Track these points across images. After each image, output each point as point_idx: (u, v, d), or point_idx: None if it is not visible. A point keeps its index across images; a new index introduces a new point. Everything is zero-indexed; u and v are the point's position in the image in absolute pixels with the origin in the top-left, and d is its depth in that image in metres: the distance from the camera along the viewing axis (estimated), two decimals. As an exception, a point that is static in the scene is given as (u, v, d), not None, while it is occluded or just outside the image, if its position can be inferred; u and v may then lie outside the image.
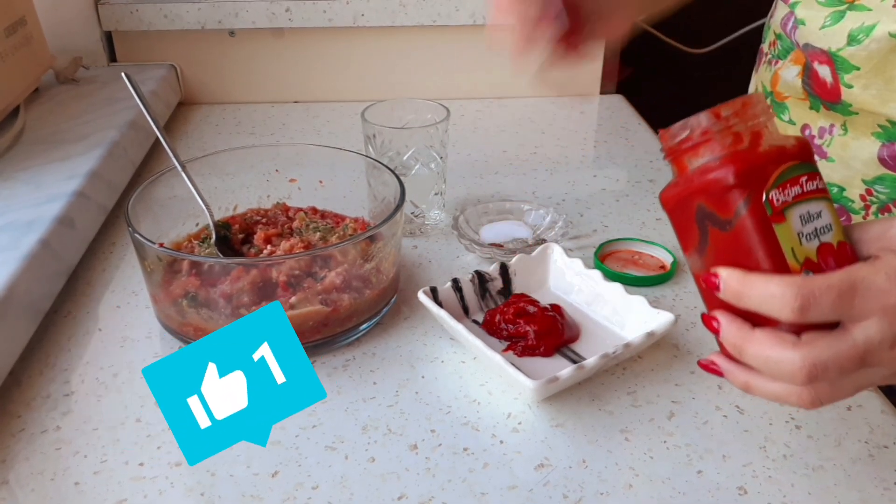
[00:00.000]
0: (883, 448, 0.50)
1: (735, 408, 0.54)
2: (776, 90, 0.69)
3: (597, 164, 0.93)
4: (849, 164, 0.62)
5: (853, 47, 0.58)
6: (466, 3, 1.03)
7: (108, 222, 0.76)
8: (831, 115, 0.63)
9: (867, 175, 0.61)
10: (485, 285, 0.64)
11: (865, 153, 0.60)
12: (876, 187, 0.61)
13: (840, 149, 0.62)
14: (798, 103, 0.66)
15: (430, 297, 0.61)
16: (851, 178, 0.62)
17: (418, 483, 0.48)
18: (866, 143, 0.60)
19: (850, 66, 0.59)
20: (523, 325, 0.59)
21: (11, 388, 0.55)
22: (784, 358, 0.38)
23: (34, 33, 0.87)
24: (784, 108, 0.68)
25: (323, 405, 0.54)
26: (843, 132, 0.62)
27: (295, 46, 1.07)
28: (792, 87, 0.66)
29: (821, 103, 0.63)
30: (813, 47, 0.62)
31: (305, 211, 0.70)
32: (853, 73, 0.59)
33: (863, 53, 0.58)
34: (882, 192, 0.60)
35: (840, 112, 0.61)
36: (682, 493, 0.47)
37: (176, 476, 0.48)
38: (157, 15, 1.02)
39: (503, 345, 0.59)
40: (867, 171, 0.61)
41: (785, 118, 0.68)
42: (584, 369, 0.53)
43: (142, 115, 0.64)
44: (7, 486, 0.48)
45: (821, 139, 0.64)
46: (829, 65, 0.61)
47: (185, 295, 0.57)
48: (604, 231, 0.76)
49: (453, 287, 0.62)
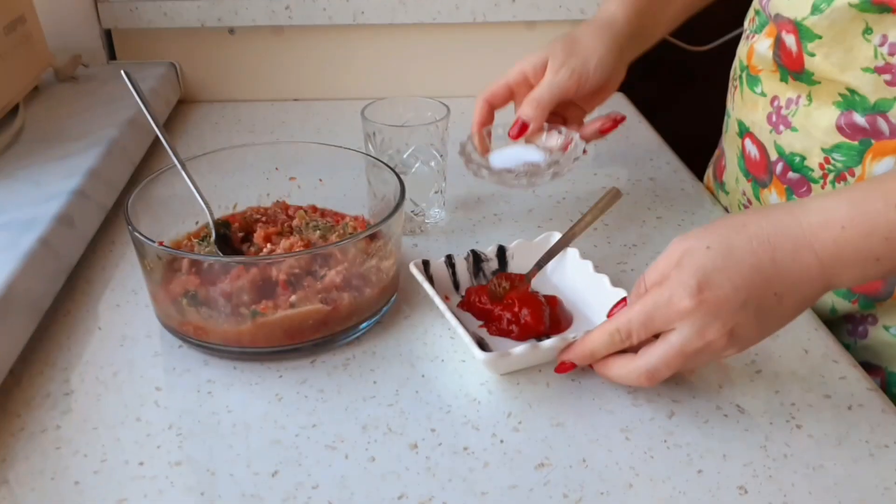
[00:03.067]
0: (884, 447, 0.50)
1: (735, 407, 0.54)
2: (751, 63, 0.70)
3: (597, 163, 0.93)
4: (810, 133, 0.63)
5: (816, 16, 0.60)
6: (467, 0, 1.03)
7: (108, 221, 0.75)
8: (797, 86, 0.64)
9: (826, 143, 0.62)
10: (479, 264, 0.65)
11: (825, 122, 0.62)
12: (833, 155, 0.62)
13: (803, 118, 0.64)
14: (769, 76, 0.68)
15: (421, 269, 0.63)
16: (812, 147, 0.63)
17: (418, 482, 0.48)
18: (827, 112, 0.62)
19: (812, 34, 0.61)
20: (499, 309, 0.60)
21: (11, 387, 0.55)
22: (630, 372, 0.52)
23: (33, 31, 0.87)
24: (757, 81, 0.69)
25: (323, 404, 0.54)
26: (808, 102, 0.63)
27: (295, 44, 1.07)
28: (764, 59, 0.68)
29: (788, 74, 0.65)
30: (781, 17, 0.64)
31: (305, 209, 0.70)
32: (815, 41, 0.61)
33: (824, 22, 0.59)
34: (839, 160, 0.62)
35: (804, 82, 0.63)
36: (683, 493, 0.47)
37: (176, 475, 0.48)
38: (157, 13, 1.02)
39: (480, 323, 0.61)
40: (826, 140, 0.62)
41: (757, 90, 0.69)
42: (538, 349, 0.54)
43: (141, 113, 0.64)
44: (7, 485, 0.48)
45: (787, 109, 0.65)
46: (794, 34, 0.63)
47: (184, 293, 0.57)
48: (604, 229, 0.75)
49: (446, 263, 0.64)
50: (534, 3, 1.03)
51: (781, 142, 0.66)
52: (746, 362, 0.58)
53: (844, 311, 0.65)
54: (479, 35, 1.07)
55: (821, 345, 0.60)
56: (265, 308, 0.55)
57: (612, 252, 0.72)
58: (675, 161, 0.92)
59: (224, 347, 0.57)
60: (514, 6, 1.03)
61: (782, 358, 0.58)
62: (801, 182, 0.65)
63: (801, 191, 0.65)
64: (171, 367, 0.58)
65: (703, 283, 0.48)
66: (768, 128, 0.67)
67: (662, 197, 0.83)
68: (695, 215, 0.79)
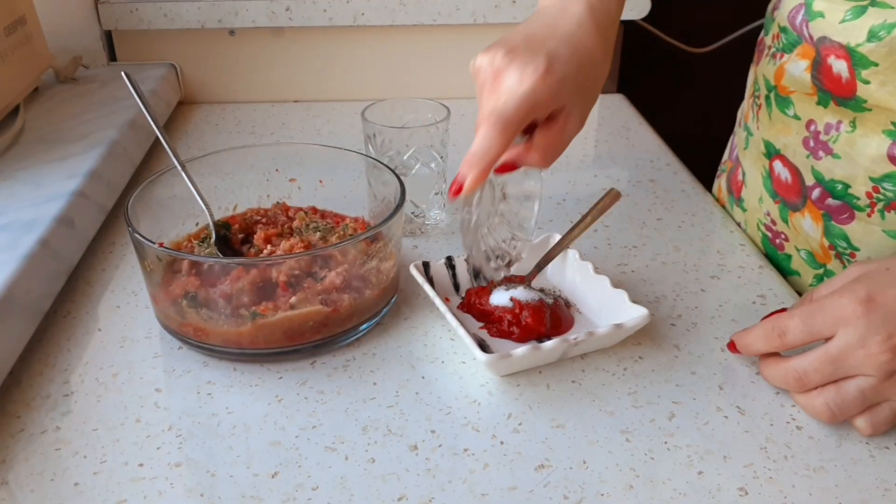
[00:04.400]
0: (884, 449, 0.50)
1: (736, 408, 0.54)
2: (780, 84, 0.68)
3: (597, 164, 0.93)
4: (855, 160, 0.62)
5: (873, 43, 0.58)
6: (467, 2, 1.03)
7: (108, 222, 0.75)
8: (840, 111, 0.62)
9: (874, 172, 0.61)
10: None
11: (873, 150, 0.60)
12: (884, 185, 0.60)
13: (846, 145, 0.62)
14: (804, 98, 0.66)
15: (422, 271, 0.63)
16: (857, 175, 0.62)
17: (418, 484, 0.48)
18: (875, 140, 0.60)
19: (868, 61, 0.59)
20: (499, 310, 0.60)
21: (11, 388, 0.55)
22: (779, 370, 0.52)
23: (34, 32, 0.87)
24: (789, 103, 0.67)
25: (323, 406, 0.54)
26: (852, 129, 0.62)
27: (295, 46, 1.07)
28: (799, 82, 0.66)
29: (831, 98, 0.63)
30: (830, 41, 0.62)
31: (305, 211, 0.70)
32: (871, 68, 0.59)
33: (883, 50, 0.58)
34: (890, 189, 0.60)
35: (851, 108, 0.61)
36: (683, 494, 0.47)
37: (176, 476, 0.48)
38: (157, 14, 1.02)
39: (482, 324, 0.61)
40: (874, 169, 0.61)
41: (790, 113, 0.67)
42: (539, 350, 0.54)
43: (141, 114, 0.64)
44: (6, 486, 0.47)
45: (826, 135, 0.64)
46: (845, 59, 0.60)
47: (184, 295, 0.57)
48: (604, 231, 0.75)
49: (447, 264, 0.64)
50: (534, 5, 1.02)
51: (820, 168, 0.64)
52: (747, 363, 0.58)
53: None
54: (480, 36, 1.07)
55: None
56: (265, 309, 0.55)
57: (613, 253, 0.72)
58: (675, 163, 0.92)
59: (224, 349, 0.57)
60: (514, 7, 1.03)
61: (783, 359, 0.58)
62: (843, 209, 0.64)
63: (842, 217, 0.64)
64: (171, 369, 0.58)
65: (875, 294, 0.47)
66: (804, 152, 0.66)
67: (663, 199, 0.83)
68: (695, 217, 0.79)
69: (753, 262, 0.71)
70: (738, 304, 0.65)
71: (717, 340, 0.60)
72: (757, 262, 0.71)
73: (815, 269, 0.68)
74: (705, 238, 0.76)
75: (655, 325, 0.62)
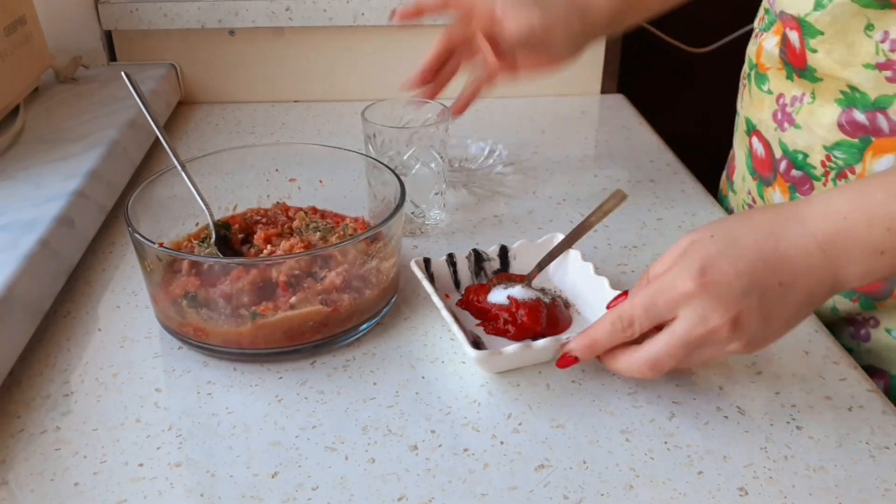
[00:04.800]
0: (884, 449, 0.50)
1: (736, 409, 0.54)
2: (759, 62, 0.70)
3: (597, 164, 0.93)
4: (813, 130, 0.63)
5: (818, 12, 0.60)
6: (467, 2, 1.03)
7: (108, 222, 0.75)
8: (802, 84, 0.64)
9: (827, 141, 0.62)
10: (481, 264, 0.66)
11: (827, 119, 0.62)
12: (835, 153, 0.62)
13: (807, 115, 0.64)
14: (776, 73, 0.68)
15: (422, 267, 0.63)
16: (814, 145, 0.63)
17: (418, 484, 0.48)
18: (829, 110, 0.62)
19: (814, 30, 0.61)
20: (496, 308, 0.60)
21: (11, 388, 0.55)
22: (633, 362, 0.51)
23: (34, 32, 0.87)
24: (765, 79, 0.69)
25: (323, 406, 0.54)
26: (812, 100, 0.63)
27: (295, 46, 1.07)
28: (771, 57, 0.68)
29: (793, 71, 0.65)
30: (786, 14, 0.64)
31: (305, 211, 0.70)
32: (818, 37, 0.61)
33: (826, 18, 0.59)
34: (840, 157, 0.62)
35: (808, 79, 0.63)
36: (683, 494, 0.47)
37: (176, 476, 0.48)
38: (157, 14, 1.02)
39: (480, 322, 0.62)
40: (828, 137, 0.62)
41: (765, 89, 0.69)
42: (530, 348, 0.54)
43: (141, 114, 0.64)
44: (6, 486, 0.47)
45: (791, 107, 0.65)
46: (797, 30, 0.63)
47: (184, 295, 0.57)
48: (604, 231, 0.75)
49: (448, 261, 0.65)
50: (534, 5, 1.02)
51: (786, 139, 0.66)
52: (747, 363, 0.58)
53: (846, 311, 0.65)
54: (480, 36, 1.07)
55: (821, 346, 0.60)
56: (265, 309, 0.55)
57: (613, 253, 0.72)
58: (675, 163, 0.92)
59: (224, 349, 0.57)
60: (514, 8, 1.03)
61: (783, 359, 0.58)
62: (804, 180, 0.65)
63: (804, 188, 0.65)
64: (171, 369, 0.58)
65: (706, 267, 0.48)
66: (773, 125, 0.68)
67: (663, 198, 0.83)
68: (695, 217, 0.79)
69: (753, 262, 0.71)
70: (738, 304, 0.65)
71: (717, 340, 0.60)
72: (757, 262, 0.71)
73: None
74: (705, 238, 0.76)
75: (655, 325, 0.62)
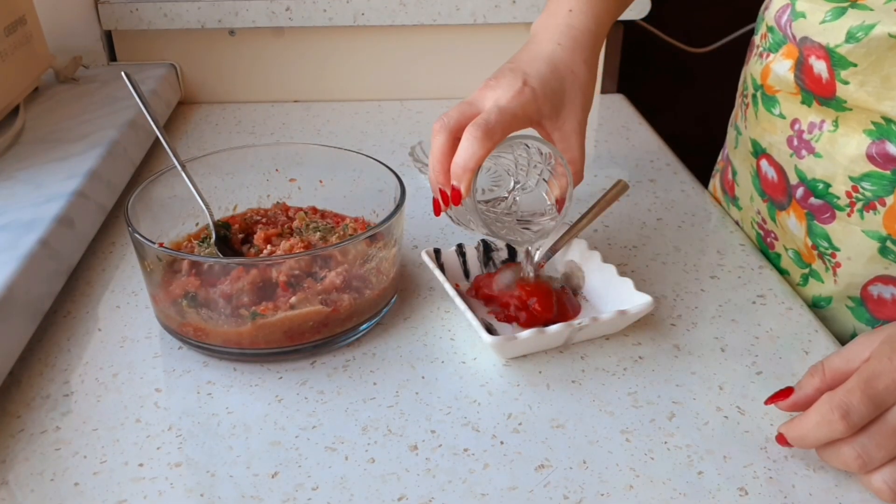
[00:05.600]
0: (884, 449, 0.50)
1: (736, 409, 0.54)
2: (766, 83, 0.69)
3: (597, 164, 0.93)
4: (835, 159, 0.62)
5: (851, 45, 0.59)
6: (467, 2, 1.03)
7: (108, 222, 0.75)
8: (823, 111, 0.63)
9: (854, 172, 0.61)
10: (489, 254, 0.67)
11: (853, 149, 0.61)
12: (863, 184, 0.61)
13: (828, 144, 0.62)
14: (789, 97, 0.66)
15: (433, 257, 0.64)
16: (836, 174, 0.62)
17: (418, 484, 0.48)
18: (856, 140, 0.60)
19: (847, 62, 0.59)
20: (506, 295, 0.61)
21: (11, 388, 0.55)
22: (841, 455, 0.46)
23: (34, 32, 0.87)
24: (775, 102, 0.68)
25: (323, 405, 0.54)
26: (834, 128, 0.62)
27: (295, 46, 1.07)
28: (783, 81, 0.66)
29: (813, 98, 0.63)
30: (811, 41, 0.62)
31: (305, 211, 0.70)
32: (850, 69, 0.59)
33: (861, 51, 0.58)
34: (868, 189, 0.60)
35: (833, 108, 0.62)
36: (683, 494, 0.47)
37: (176, 476, 0.48)
38: (157, 14, 1.02)
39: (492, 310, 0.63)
40: (854, 168, 0.61)
41: (775, 112, 0.68)
42: (544, 334, 0.55)
43: (141, 114, 0.64)
44: (6, 486, 0.47)
45: (810, 134, 0.64)
46: (825, 60, 0.61)
47: (184, 295, 0.57)
48: (604, 231, 0.75)
49: (457, 252, 0.66)
50: (534, 5, 1.03)
51: (802, 167, 0.65)
52: (747, 364, 0.58)
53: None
54: (480, 37, 1.07)
55: (821, 346, 0.60)
56: (265, 309, 0.55)
57: (613, 253, 0.72)
58: (675, 163, 0.92)
59: (224, 349, 0.57)
60: (514, 8, 1.03)
61: (783, 359, 0.58)
62: (825, 208, 0.64)
63: (824, 216, 0.64)
64: (171, 369, 0.58)
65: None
66: (788, 151, 0.66)
67: (663, 199, 0.83)
68: (695, 217, 0.79)
69: (753, 261, 0.71)
70: (737, 303, 0.65)
71: (716, 340, 0.60)
72: (756, 261, 0.71)
73: (801, 268, 0.68)
74: (705, 238, 0.76)
75: (655, 325, 0.62)
